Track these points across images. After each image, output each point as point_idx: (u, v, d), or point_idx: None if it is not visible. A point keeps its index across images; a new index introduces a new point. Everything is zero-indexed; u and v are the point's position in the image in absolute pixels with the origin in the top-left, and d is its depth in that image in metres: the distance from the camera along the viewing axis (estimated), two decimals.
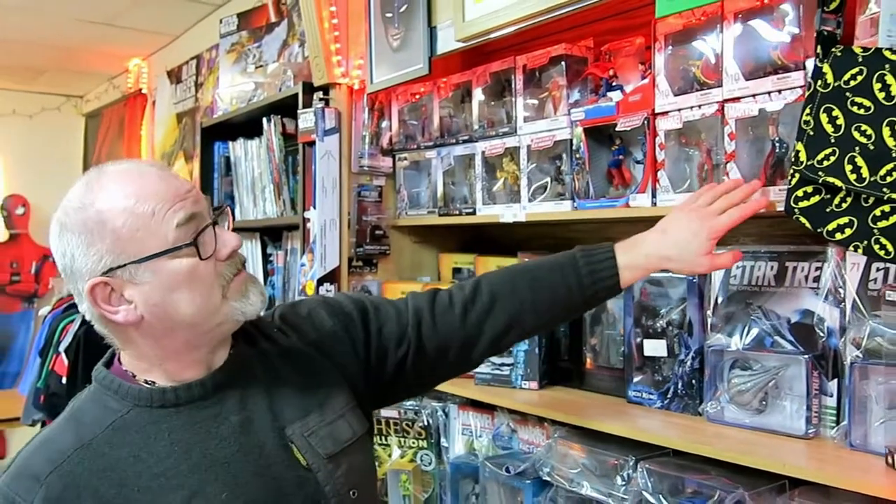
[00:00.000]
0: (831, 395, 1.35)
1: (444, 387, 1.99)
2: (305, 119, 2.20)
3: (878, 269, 1.30)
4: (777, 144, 1.40)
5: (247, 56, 2.87)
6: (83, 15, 3.98)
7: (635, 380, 1.65)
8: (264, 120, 2.62)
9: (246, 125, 2.82)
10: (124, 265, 0.99)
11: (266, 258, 2.73)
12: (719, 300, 1.52)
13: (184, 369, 1.06)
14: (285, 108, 2.56)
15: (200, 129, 3.00)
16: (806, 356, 1.36)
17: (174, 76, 4.41)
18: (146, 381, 1.06)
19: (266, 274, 2.72)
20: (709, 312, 1.53)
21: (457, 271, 2.29)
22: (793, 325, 1.42)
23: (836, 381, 1.35)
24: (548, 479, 1.63)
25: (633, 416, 1.58)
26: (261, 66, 2.77)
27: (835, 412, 1.35)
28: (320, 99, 2.19)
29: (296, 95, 2.37)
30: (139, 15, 3.96)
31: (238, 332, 1.13)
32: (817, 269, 1.40)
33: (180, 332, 1.03)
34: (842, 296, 1.35)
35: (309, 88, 2.27)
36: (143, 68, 4.87)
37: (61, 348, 2.84)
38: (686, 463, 1.42)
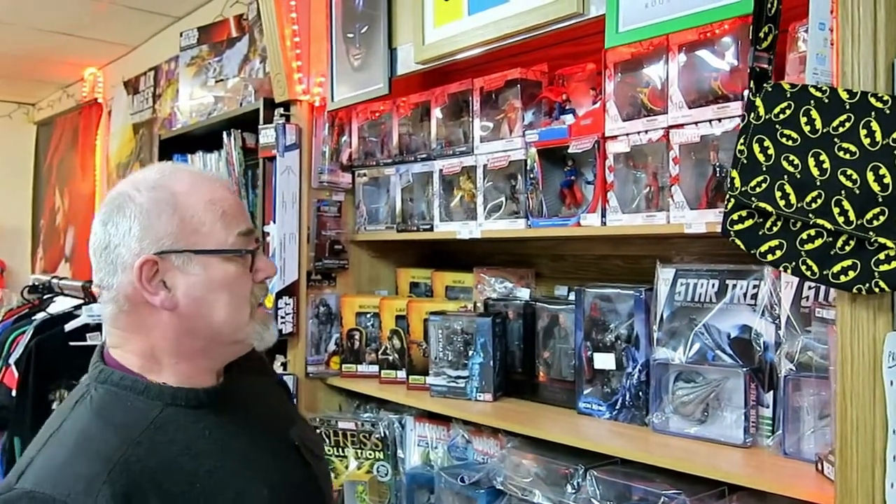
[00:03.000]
0: (767, 406, 1.44)
1: (400, 399, 2.04)
2: (266, 134, 2.23)
3: (809, 288, 1.39)
4: (717, 169, 1.49)
5: (207, 70, 2.89)
6: (42, 24, 3.94)
7: (585, 392, 1.72)
8: (224, 134, 2.64)
9: (205, 138, 2.83)
10: (181, 251, 1.02)
11: None
12: (664, 315, 1.59)
13: (196, 374, 1.08)
14: (245, 122, 2.59)
15: (159, 141, 3.00)
16: (744, 369, 1.44)
17: (131, 87, 4.38)
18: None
19: None
20: (654, 327, 1.60)
21: (414, 286, 2.34)
22: (732, 340, 1.50)
23: (772, 392, 1.43)
24: (501, 488, 1.69)
25: (582, 427, 1.65)
26: (221, 80, 2.79)
27: (771, 422, 1.43)
28: (281, 115, 2.23)
29: (257, 110, 2.40)
30: (98, 25, 3.93)
31: None
32: (755, 286, 1.48)
33: (203, 335, 1.06)
34: (777, 312, 1.43)
35: (270, 104, 2.30)
36: (99, 77, 4.82)
37: (11, 360, 2.80)
38: (632, 471, 1.49)
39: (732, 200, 1.12)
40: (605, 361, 1.69)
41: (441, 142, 2.06)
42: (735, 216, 1.13)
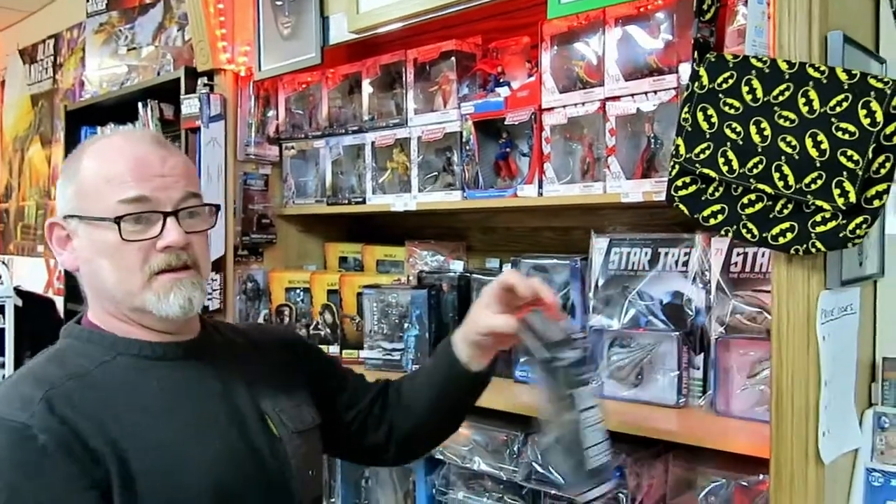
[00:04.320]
0: (698, 368, 1.50)
1: None
2: (189, 105, 2.15)
3: (738, 255, 1.46)
4: (652, 140, 1.54)
5: (117, 37, 2.76)
6: None
7: (521, 360, 1.75)
8: (140, 105, 2.52)
9: (117, 109, 2.70)
10: (73, 216, 1.07)
11: None
12: (599, 283, 1.64)
13: (148, 335, 1.09)
14: (162, 92, 2.49)
15: (65, 113, 2.84)
16: (676, 333, 1.49)
17: (28, 55, 4.12)
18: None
19: None
20: (590, 295, 1.64)
21: (343, 260, 2.32)
22: (665, 306, 1.56)
23: (702, 355, 1.50)
24: (440, 457, 1.70)
25: (519, 394, 1.68)
26: (133, 48, 2.66)
27: (701, 383, 1.50)
28: (205, 84, 2.15)
29: (175, 80, 2.31)
30: None
31: (204, 323, 1.19)
32: (686, 254, 1.55)
33: (107, 298, 1.08)
34: (707, 278, 1.50)
35: (192, 73, 2.21)
36: None
37: None
38: None
39: (677, 167, 1.16)
40: None
41: (373, 114, 2.04)
42: (679, 182, 1.17)
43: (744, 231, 1.10)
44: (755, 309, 1.42)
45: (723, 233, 1.12)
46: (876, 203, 1.01)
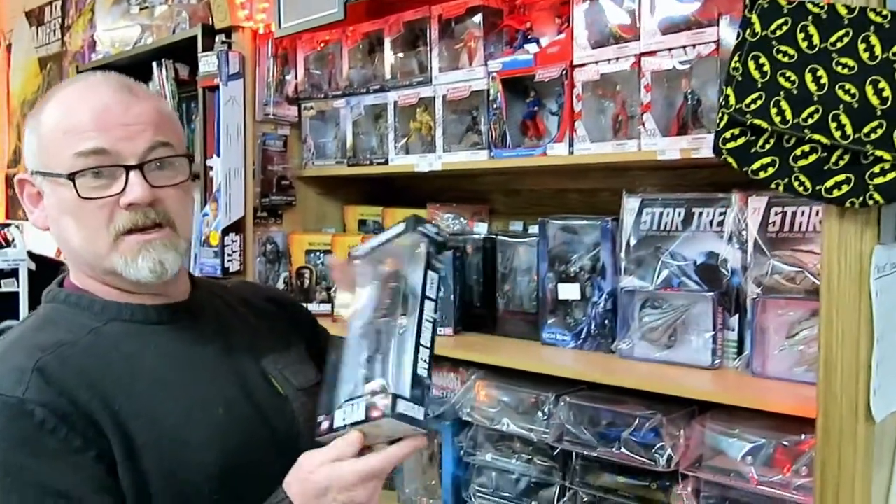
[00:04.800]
0: (733, 330, 1.48)
1: None
2: (207, 63, 2.11)
3: (776, 214, 1.43)
4: (689, 97, 1.50)
5: None
6: None
7: (549, 322, 1.72)
8: (154, 65, 2.48)
9: (129, 70, 2.63)
10: (38, 172, 1.00)
11: None
12: (631, 244, 1.61)
13: (129, 297, 1.03)
14: (177, 52, 2.44)
15: (77, 75, 2.79)
16: (711, 294, 1.47)
17: (34, 17, 4.06)
18: None
19: None
20: (621, 256, 1.61)
21: (362, 223, 2.29)
22: (699, 266, 1.53)
23: (737, 316, 1.47)
24: (468, 419, 1.68)
25: (548, 356, 1.66)
26: (146, 7, 2.61)
27: (736, 345, 1.47)
28: (222, 42, 2.10)
29: (191, 39, 2.26)
30: None
31: (195, 282, 1.14)
32: (721, 214, 1.51)
33: (79, 260, 1.02)
34: (744, 238, 1.47)
35: (209, 31, 2.17)
36: None
37: None
38: (603, 395, 1.51)
39: (725, 118, 1.12)
40: (569, 292, 1.70)
41: (395, 73, 2.00)
42: (727, 134, 1.13)
43: (796, 184, 1.07)
44: (794, 268, 1.39)
45: (773, 186, 1.09)
46: None
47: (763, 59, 1.09)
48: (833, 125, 1.02)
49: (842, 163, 1.03)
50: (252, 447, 1.00)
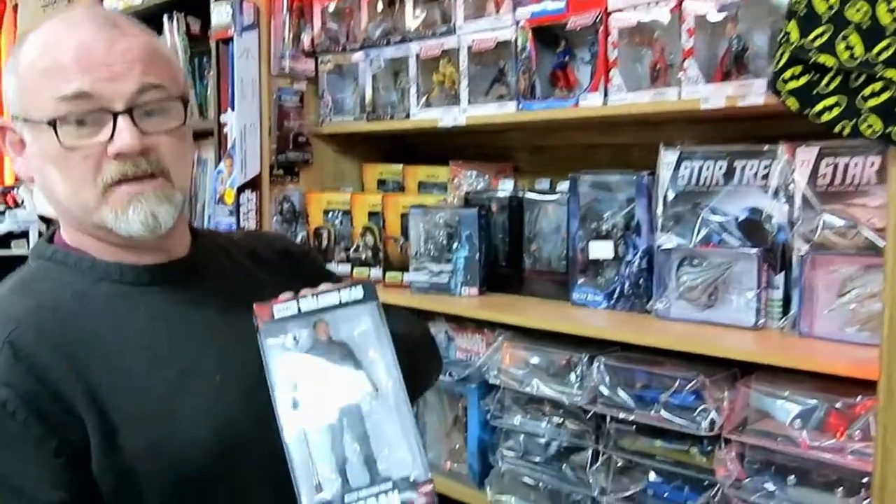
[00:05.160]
0: (777, 288, 1.40)
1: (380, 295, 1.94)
2: (220, 13, 2.02)
3: (827, 166, 1.35)
4: (735, 42, 1.41)
5: None
6: None
7: (579, 282, 1.66)
8: (165, 18, 2.39)
9: None
10: (19, 118, 0.91)
11: None
12: (668, 200, 1.53)
13: (124, 254, 0.94)
14: (189, 4, 2.35)
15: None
16: (756, 251, 1.39)
17: None
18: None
19: None
20: (657, 212, 1.54)
21: (381, 183, 2.21)
22: (741, 223, 1.45)
23: (782, 274, 1.40)
24: (495, 381, 1.63)
25: (579, 317, 1.59)
26: None
27: (781, 304, 1.40)
28: None
29: None
30: None
31: (195, 234, 1.05)
32: (766, 167, 1.43)
33: (66, 212, 0.93)
34: (791, 192, 1.39)
35: None
36: None
37: None
38: (639, 356, 1.45)
39: (786, 55, 1.04)
40: (601, 251, 1.63)
41: (417, 23, 1.91)
42: (788, 73, 1.05)
43: (863, 126, 0.99)
44: (846, 223, 1.31)
45: (838, 128, 1.01)
46: None
47: None
48: None
49: None
50: (253, 419, 0.89)
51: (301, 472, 0.83)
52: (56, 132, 0.86)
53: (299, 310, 0.89)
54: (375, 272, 2.00)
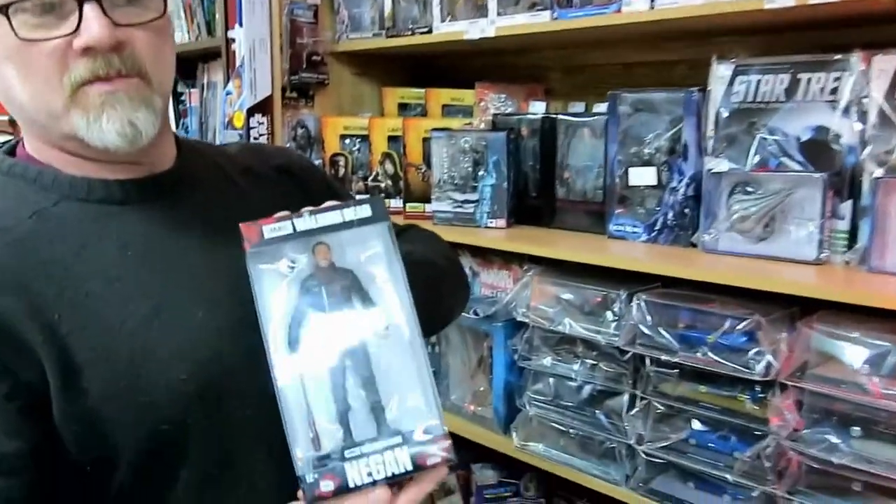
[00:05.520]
0: (843, 218, 1.24)
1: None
2: None
3: None
4: None
5: None
6: None
7: (617, 212, 1.50)
8: None
9: None
10: None
11: (177, 99, 2.40)
12: (720, 119, 1.36)
13: (100, 169, 0.82)
14: None
15: None
16: (821, 175, 1.23)
17: None
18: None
19: (178, 116, 2.39)
20: (708, 133, 1.37)
21: (403, 107, 2.05)
22: (804, 144, 1.29)
23: (850, 202, 1.24)
24: (523, 319, 1.50)
25: (616, 249, 1.45)
26: None
27: (846, 236, 1.24)
28: None
29: None
30: None
31: (180, 146, 0.92)
32: (836, 80, 1.25)
33: (29, 119, 0.79)
34: (864, 108, 1.22)
35: None
36: None
37: None
38: (684, 293, 1.31)
39: None
40: (642, 177, 1.47)
41: None
42: None
43: None
44: None
45: None
46: None
47: None
48: None
49: None
50: (240, 360, 0.78)
51: (296, 422, 0.70)
52: (10, 22, 0.72)
53: (294, 230, 0.74)
54: (396, 203, 1.86)
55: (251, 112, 1.84)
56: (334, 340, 0.73)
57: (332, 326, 0.74)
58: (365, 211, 0.76)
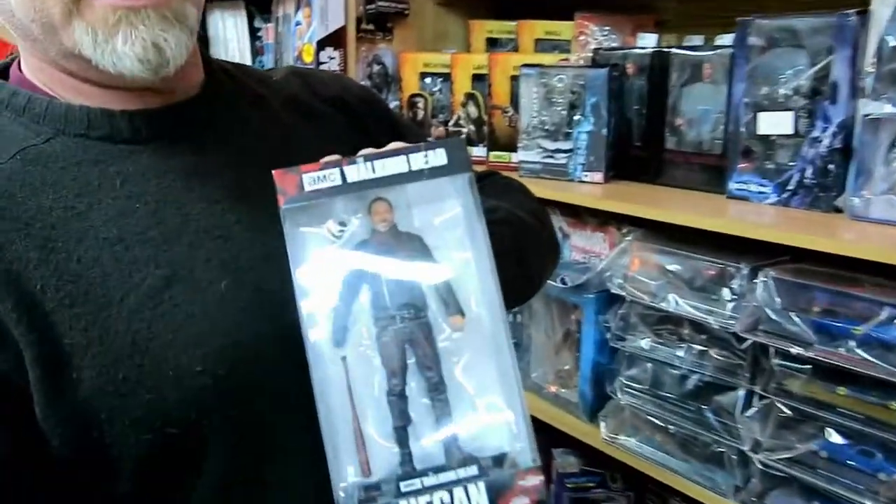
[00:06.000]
0: None
1: None
2: None
3: None
4: None
5: None
6: None
7: (740, 167, 1.24)
8: None
9: None
10: None
11: (254, 34, 2.25)
12: (884, 51, 1.07)
13: (108, 97, 0.65)
14: None
15: None
16: None
17: None
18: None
19: (255, 53, 2.24)
20: (867, 68, 1.09)
21: (492, 43, 1.82)
22: None
23: None
24: (619, 292, 1.27)
25: (738, 213, 1.19)
26: None
27: None
28: None
29: None
30: None
31: (210, 66, 0.73)
32: None
33: (25, 32, 0.62)
34: None
35: None
36: None
37: None
38: (825, 271, 1.05)
39: None
40: (775, 124, 1.20)
41: None
42: None
43: None
44: None
45: None
46: None
47: None
48: None
49: None
50: (276, 347, 0.60)
51: (339, 436, 0.53)
52: None
53: (344, 180, 0.55)
54: (478, 151, 1.65)
55: (321, 45, 1.66)
56: (393, 331, 0.55)
57: (391, 311, 0.55)
58: (440, 157, 0.56)
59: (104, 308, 0.58)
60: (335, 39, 1.67)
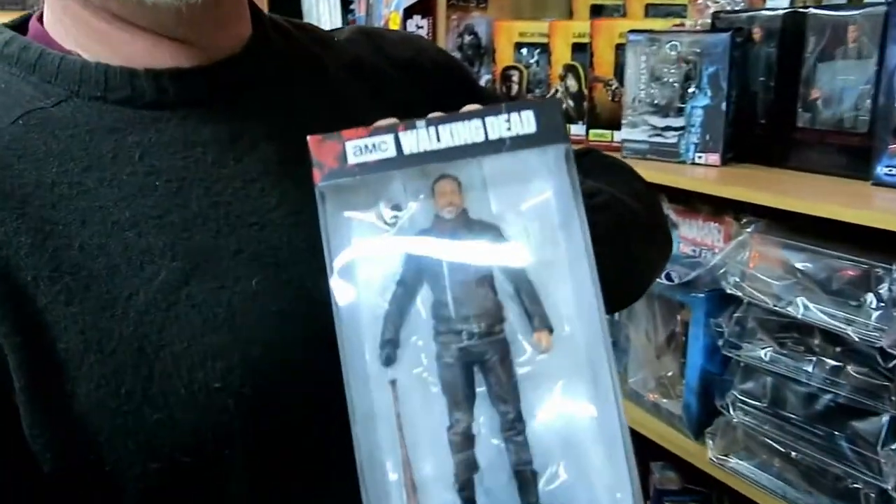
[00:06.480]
0: None
1: None
2: None
3: None
4: None
5: None
6: None
7: (890, 149, 1.05)
8: None
9: None
10: None
11: (346, 6, 2.17)
12: None
13: (133, 52, 0.54)
14: None
15: None
16: None
17: None
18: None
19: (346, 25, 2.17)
20: None
21: (597, 10, 1.66)
22: None
23: None
24: (734, 291, 1.10)
25: (886, 203, 1.00)
26: None
27: None
28: None
29: None
30: None
31: (259, 19, 0.62)
32: None
33: None
34: None
35: None
36: None
37: None
38: None
39: None
40: None
41: None
42: None
43: None
44: None
45: None
46: None
47: None
48: None
49: None
50: (313, 360, 0.48)
51: (385, 485, 0.40)
52: None
53: (400, 151, 0.41)
54: (577, 129, 1.50)
55: (409, 13, 1.55)
56: (458, 350, 0.42)
57: (457, 321, 0.42)
58: (527, 123, 0.41)
59: (107, 307, 0.48)
60: (424, 6, 1.56)
